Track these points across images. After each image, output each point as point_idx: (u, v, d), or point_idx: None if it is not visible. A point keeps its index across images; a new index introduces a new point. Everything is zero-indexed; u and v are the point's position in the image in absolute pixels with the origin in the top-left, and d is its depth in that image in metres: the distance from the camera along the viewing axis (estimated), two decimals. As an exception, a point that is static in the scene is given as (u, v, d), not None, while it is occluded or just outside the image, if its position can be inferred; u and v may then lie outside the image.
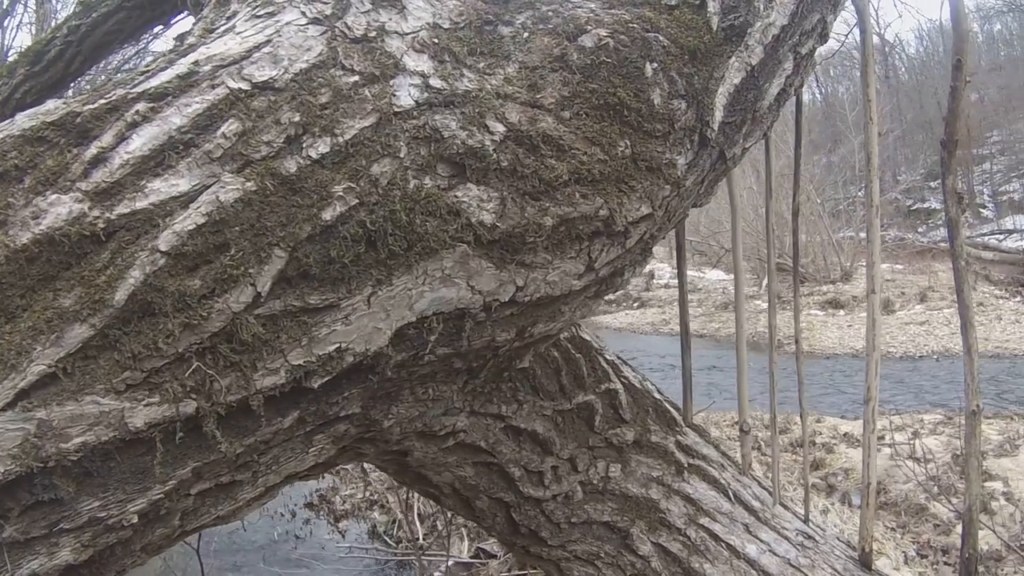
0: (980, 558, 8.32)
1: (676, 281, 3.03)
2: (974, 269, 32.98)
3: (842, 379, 20.25)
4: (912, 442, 11.62)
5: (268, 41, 1.62)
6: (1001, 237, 43.91)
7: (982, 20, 60.18)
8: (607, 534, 2.65)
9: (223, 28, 1.73)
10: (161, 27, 4.85)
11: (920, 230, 47.61)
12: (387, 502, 10.40)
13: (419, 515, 9.57)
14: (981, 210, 51.23)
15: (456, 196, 1.63)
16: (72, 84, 5.30)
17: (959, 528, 9.49)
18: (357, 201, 1.54)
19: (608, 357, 2.70)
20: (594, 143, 1.77)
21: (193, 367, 1.43)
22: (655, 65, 1.87)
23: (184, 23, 4.24)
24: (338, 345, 1.58)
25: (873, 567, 2.94)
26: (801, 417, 3.07)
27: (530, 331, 1.93)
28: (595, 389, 2.59)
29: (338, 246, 1.52)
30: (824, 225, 35.41)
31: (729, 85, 2.06)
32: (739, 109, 2.13)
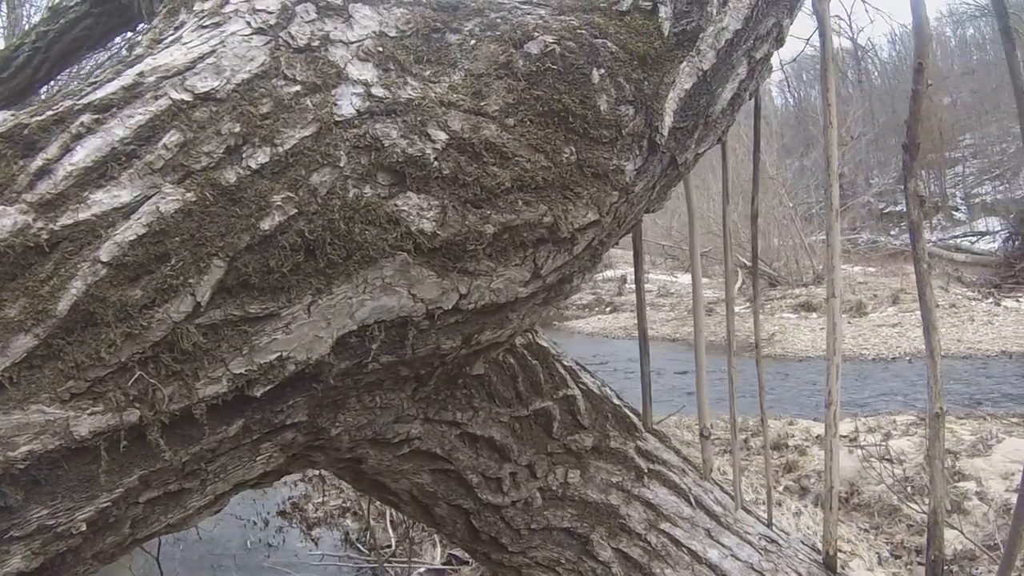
0: (953, 558, 8.35)
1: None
2: (947, 271, 33.19)
3: (815, 381, 20.32)
4: (884, 443, 11.68)
5: (212, 52, 1.62)
6: (974, 239, 44.25)
7: (955, 25, 60.69)
8: (567, 540, 2.65)
9: (170, 39, 1.73)
10: (131, 33, 4.85)
11: (893, 233, 47.74)
12: (360, 509, 10.38)
13: (391, 522, 9.56)
14: (954, 213, 51.56)
15: (396, 205, 1.63)
16: (43, 89, 5.28)
17: (932, 529, 9.56)
18: (296, 211, 1.54)
19: (566, 363, 2.70)
20: (538, 150, 1.77)
21: (136, 376, 1.43)
22: (602, 71, 1.87)
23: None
24: (279, 354, 1.58)
25: (839, 570, 2.94)
26: (762, 422, 3.09)
27: (477, 338, 1.92)
28: (553, 395, 2.59)
29: (277, 255, 1.53)
30: (796, 229, 35.82)
31: (680, 90, 2.05)
32: (691, 114, 2.12)
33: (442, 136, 1.69)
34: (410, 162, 1.65)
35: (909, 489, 10.57)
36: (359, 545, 10.06)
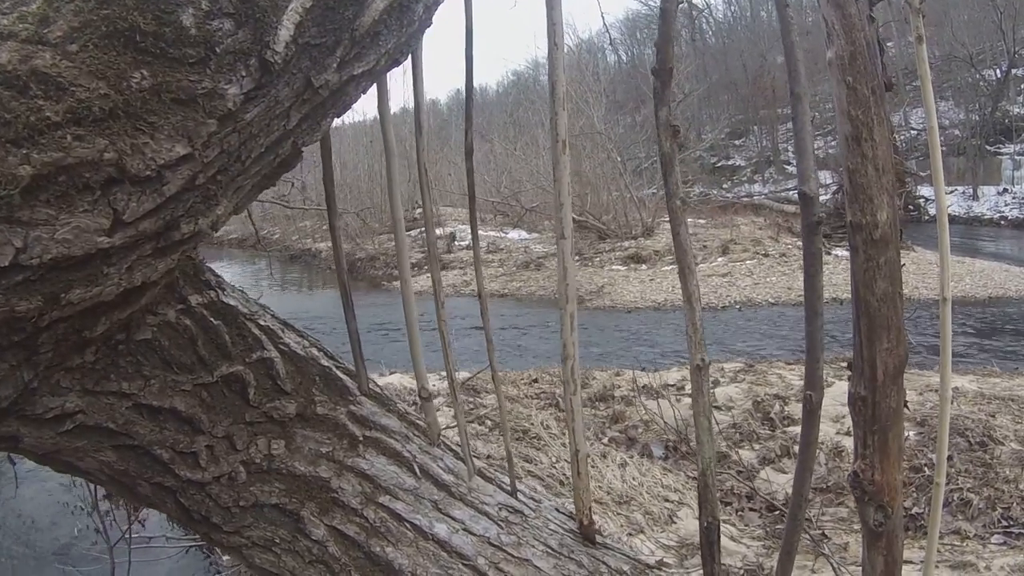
0: (784, 502, 8.43)
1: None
2: (778, 222, 34.27)
3: (645, 332, 20.76)
4: (713, 391, 11.87)
5: None
6: (805, 191, 46.01)
7: (795, -12, 62.61)
8: (279, 517, 2.44)
9: None
10: None
11: (725, 186, 49.22)
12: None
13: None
14: (785, 166, 53.45)
15: (-79, 154, 1.40)
16: None
17: (763, 474, 9.74)
18: None
19: (263, 323, 2.47)
20: (99, 77, 1.52)
21: None
22: (193, -18, 1.61)
23: None
24: None
25: (598, 540, 2.74)
26: (493, 379, 2.91)
27: (66, 298, 1.67)
28: (245, 359, 2.37)
29: None
30: (625, 182, 36.97)
31: None
32: (331, 28, 1.87)
33: (-14, 71, 1.45)
34: None
35: (738, 436, 10.78)
36: (183, 524, 9.81)
